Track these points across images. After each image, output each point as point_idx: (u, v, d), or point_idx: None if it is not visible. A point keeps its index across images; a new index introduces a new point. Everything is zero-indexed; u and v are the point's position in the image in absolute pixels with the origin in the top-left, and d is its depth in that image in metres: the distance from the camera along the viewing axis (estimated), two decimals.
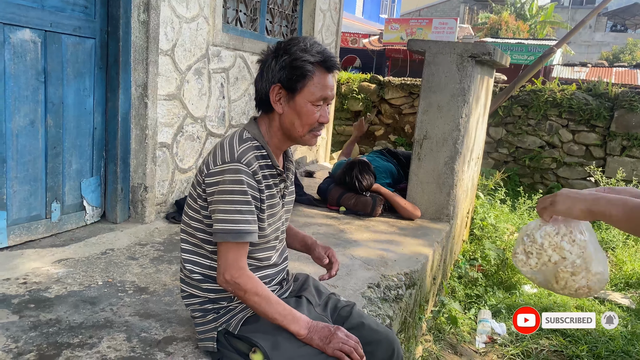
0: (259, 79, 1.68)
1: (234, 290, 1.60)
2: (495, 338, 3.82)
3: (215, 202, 1.61)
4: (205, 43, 3.50)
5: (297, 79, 1.61)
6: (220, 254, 1.61)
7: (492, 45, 3.78)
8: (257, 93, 1.71)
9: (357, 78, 7.96)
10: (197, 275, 1.73)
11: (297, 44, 1.63)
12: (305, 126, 1.68)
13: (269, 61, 1.64)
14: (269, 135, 1.72)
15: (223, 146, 1.65)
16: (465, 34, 25.20)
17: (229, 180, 1.58)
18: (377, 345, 1.85)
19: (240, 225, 1.59)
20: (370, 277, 2.73)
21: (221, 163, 1.60)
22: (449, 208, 3.93)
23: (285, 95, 1.65)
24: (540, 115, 6.72)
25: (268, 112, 1.72)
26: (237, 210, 1.58)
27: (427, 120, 3.91)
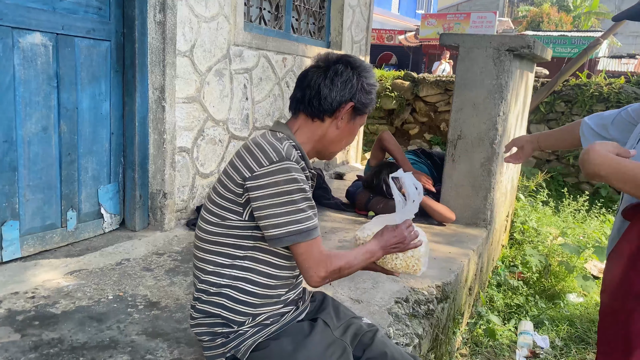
0: (331, 86, 1.59)
1: (335, 277, 1.58)
2: (537, 352, 3.56)
3: (269, 206, 1.47)
4: (226, 43, 3.37)
5: (367, 104, 1.66)
6: (302, 256, 1.52)
7: (532, 38, 3.51)
8: (320, 99, 1.59)
9: (390, 75, 7.72)
10: (217, 287, 1.57)
11: (370, 68, 1.68)
12: (345, 146, 1.74)
13: (350, 75, 1.60)
14: (301, 140, 1.63)
15: (263, 146, 1.51)
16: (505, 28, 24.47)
17: (282, 180, 1.46)
18: None
19: (306, 224, 1.50)
20: (398, 290, 2.54)
21: (268, 164, 1.47)
22: (486, 212, 3.67)
23: (350, 115, 1.65)
24: (586, 110, 6.33)
25: (313, 119, 1.63)
26: (299, 209, 1.48)
27: (462, 119, 3.67)
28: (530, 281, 4.30)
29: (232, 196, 1.52)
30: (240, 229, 1.54)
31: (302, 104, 1.62)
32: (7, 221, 2.42)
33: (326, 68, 1.61)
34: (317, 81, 1.59)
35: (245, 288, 1.57)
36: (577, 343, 3.63)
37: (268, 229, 1.49)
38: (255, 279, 1.57)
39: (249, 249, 1.56)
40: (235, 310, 1.57)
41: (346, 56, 1.65)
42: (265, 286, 1.59)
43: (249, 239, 1.55)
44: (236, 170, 1.52)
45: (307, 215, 1.51)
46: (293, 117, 1.67)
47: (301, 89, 1.63)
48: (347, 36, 5.01)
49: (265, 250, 1.56)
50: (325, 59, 1.64)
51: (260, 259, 1.57)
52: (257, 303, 1.58)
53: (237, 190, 1.50)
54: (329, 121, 1.64)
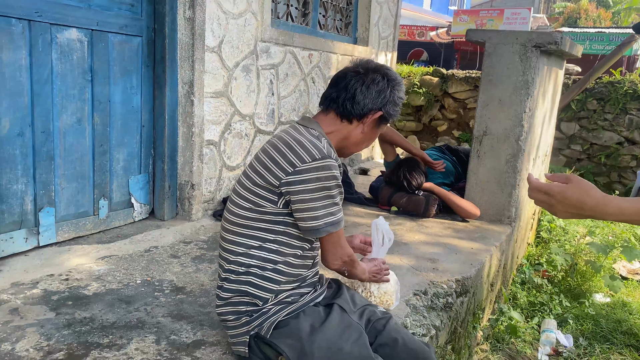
0: (366, 93, 1.71)
1: (348, 267, 1.81)
2: (560, 350, 3.53)
3: (309, 199, 1.59)
4: (253, 39, 3.44)
5: (393, 115, 1.78)
6: (333, 244, 1.71)
7: (560, 34, 3.48)
8: (354, 103, 1.72)
9: (418, 71, 7.70)
10: (246, 267, 1.67)
11: (401, 82, 1.80)
12: (364, 148, 1.88)
13: (384, 86, 1.72)
14: (328, 137, 1.75)
15: (304, 144, 1.62)
16: (540, 24, 23.96)
17: (324, 176, 1.59)
18: None
19: (338, 215, 1.66)
20: (417, 283, 2.57)
21: (311, 160, 1.58)
22: (511, 209, 3.66)
23: (375, 122, 1.76)
24: (619, 108, 6.20)
25: (342, 119, 1.75)
26: (334, 203, 1.63)
27: (488, 115, 3.66)
28: (555, 280, 4.27)
29: (269, 186, 1.62)
30: (273, 215, 1.65)
31: (335, 104, 1.73)
32: (44, 207, 2.55)
33: (365, 75, 1.72)
34: (354, 85, 1.71)
35: (271, 267, 1.67)
36: (601, 343, 3.59)
37: (306, 221, 1.62)
38: (281, 260, 1.68)
39: (279, 234, 1.67)
40: (262, 287, 1.67)
41: (385, 67, 1.77)
42: (290, 265, 1.69)
43: (280, 224, 1.66)
44: (275, 163, 1.62)
45: (339, 207, 1.67)
46: (322, 113, 1.78)
47: (337, 89, 1.74)
48: (374, 32, 5.04)
49: (292, 235, 1.68)
50: (365, 65, 1.76)
51: (288, 242, 1.68)
52: (282, 281, 1.68)
53: (275, 182, 1.60)
54: (356, 124, 1.75)
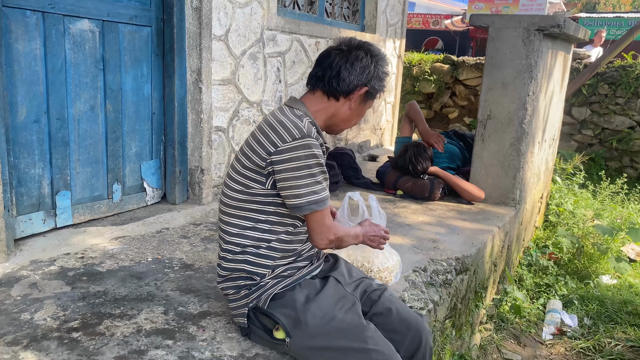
0: (350, 70, 1.75)
1: (336, 244, 1.81)
2: (564, 330, 3.59)
3: (291, 178, 1.65)
4: (259, 27, 3.53)
5: (378, 90, 1.82)
6: (317, 222, 1.72)
7: (563, 17, 3.50)
8: (339, 81, 1.75)
9: (429, 59, 7.71)
10: (242, 247, 1.76)
11: (385, 57, 1.83)
12: (352, 125, 1.91)
13: (368, 62, 1.75)
14: (315, 116, 1.80)
15: (285, 124, 1.68)
16: (556, 10, 23.56)
17: (304, 155, 1.64)
18: (403, 335, 1.80)
19: (322, 194, 1.69)
20: (417, 260, 2.65)
21: (291, 140, 1.64)
22: (515, 192, 3.71)
23: (362, 98, 1.80)
24: (630, 93, 6.16)
25: (329, 97, 1.79)
26: (316, 181, 1.67)
27: (492, 99, 3.71)
28: (561, 262, 4.31)
29: (257, 168, 1.70)
30: (262, 196, 1.72)
31: (321, 82, 1.78)
32: (61, 191, 2.68)
33: (348, 52, 1.76)
34: (338, 63, 1.75)
35: (266, 246, 1.75)
36: (606, 322, 3.63)
37: (290, 199, 1.68)
38: (275, 238, 1.76)
39: (270, 214, 1.74)
40: (258, 264, 1.76)
41: (367, 44, 1.81)
42: (283, 242, 1.77)
43: (271, 205, 1.73)
44: (260, 145, 1.69)
45: (323, 186, 1.70)
46: (309, 93, 1.83)
47: (322, 68, 1.78)
48: (381, 19, 5.09)
49: (283, 215, 1.75)
50: (348, 43, 1.80)
51: (279, 221, 1.76)
52: (277, 257, 1.76)
53: (262, 163, 1.68)
54: (343, 101, 1.80)
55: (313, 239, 1.75)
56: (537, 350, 3.42)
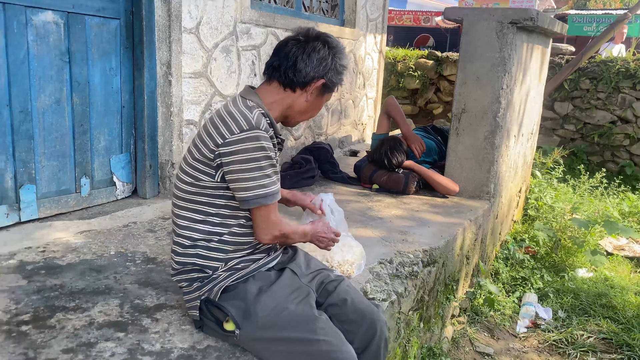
0: (307, 61, 1.72)
1: (281, 240, 1.79)
2: (539, 323, 3.61)
3: (238, 170, 1.63)
4: (232, 20, 3.51)
5: (336, 83, 1.80)
6: (261, 217, 1.69)
7: (535, 10, 3.50)
8: (295, 71, 1.72)
9: (414, 55, 7.71)
10: (192, 241, 1.74)
11: (344, 49, 1.81)
12: (309, 117, 1.89)
13: (326, 54, 1.73)
14: (270, 107, 1.76)
15: (234, 115, 1.65)
16: (546, 7, 23.62)
17: (251, 147, 1.61)
18: (358, 325, 1.79)
19: (270, 188, 1.66)
20: (384, 252, 2.65)
21: (239, 131, 1.62)
22: (489, 186, 3.72)
23: (319, 90, 1.77)
24: (612, 87, 6.18)
25: (285, 88, 1.76)
26: (265, 175, 1.64)
27: (466, 93, 3.71)
28: (538, 256, 4.32)
29: (206, 160, 1.67)
30: (212, 189, 1.70)
31: (277, 73, 1.75)
32: (25, 185, 2.65)
33: (305, 42, 1.74)
34: (295, 54, 1.72)
35: (217, 239, 1.74)
36: (580, 315, 3.65)
37: (237, 192, 1.66)
38: (227, 231, 1.74)
39: (221, 207, 1.72)
40: (210, 257, 1.74)
41: (326, 35, 1.78)
42: (236, 235, 1.75)
43: (221, 198, 1.71)
44: (209, 137, 1.67)
45: (272, 180, 1.67)
46: (266, 83, 1.80)
47: (279, 57, 1.76)
48: (361, 14, 5.08)
49: (234, 208, 1.73)
50: (305, 33, 1.77)
51: (231, 214, 1.74)
52: (230, 250, 1.75)
53: (210, 155, 1.66)
54: (299, 93, 1.77)
55: (256, 233, 1.73)
56: (511, 343, 3.43)
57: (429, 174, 3.76)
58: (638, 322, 3.50)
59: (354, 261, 2.28)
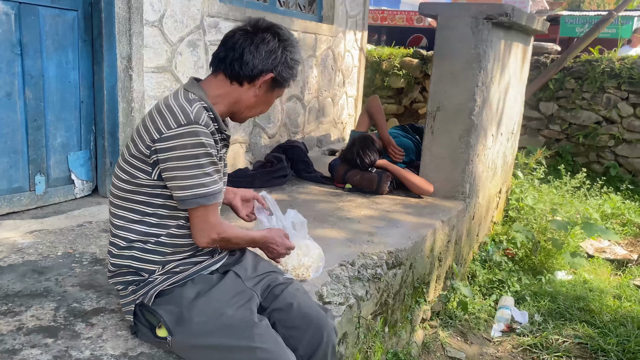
0: (255, 53, 1.61)
1: (221, 244, 1.67)
2: (514, 327, 3.51)
3: (176, 168, 1.52)
4: (199, 14, 3.40)
5: (287, 78, 1.69)
6: (199, 218, 1.58)
7: (511, 6, 3.42)
8: (242, 64, 1.61)
9: (398, 53, 7.61)
10: (128, 242, 1.63)
11: (297, 43, 1.70)
12: (259, 113, 1.78)
13: (276, 46, 1.62)
14: (215, 100, 1.65)
15: (172, 108, 1.54)
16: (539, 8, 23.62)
17: (189, 144, 1.50)
18: (303, 331, 1.69)
19: (211, 187, 1.55)
20: (347, 254, 2.55)
21: (176, 126, 1.51)
22: (465, 186, 3.62)
23: (269, 85, 1.67)
24: (597, 87, 6.10)
25: (232, 81, 1.65)
26: (205, 173, 1.54)
27: (441, 91, 3.61)
28: (517, 258, 4.23)
29: (142, 156, 1.56)
30: (149, 187, 1.59)
31: (223, 64, 1.64)
32: None
33: (254, 34, 1.62)
34: (242, 45, 1.61)
35: (154, 241, 1.63)
36: (556, 319, 3.56)
37: (175, 191, 1.55)
38: (165, 233, 1.63)
39: (158, 207, 1.61)
40: (146, 260, 1.64)
41: (276, 26, 1.67)
42: (174, 237, 1.65)
43: (158, 197, 1.60)
44: (146, 131, 1.56)
45: (213, 179, 1.56)
46: (212, 75, 1.69)
47: (225, 48, 1.65)
48: (340, 10, 4.98)
49: (173, 208, 1.62)
50: (254, 24, 1.65)
51: (170, 215, 1.63)
52: (168, 252, 1.64)
53: (146, 151, 1.55)
54: (247, 87, 1.65)
55: (194, 235, 1.61)
56: (484, 348, 3.34)
57: (403, 173, 3.66)
58: (614, 326, 3.41)
59: (311, 264, 2.17)
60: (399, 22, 22.97)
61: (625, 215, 5.13)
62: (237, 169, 3.82)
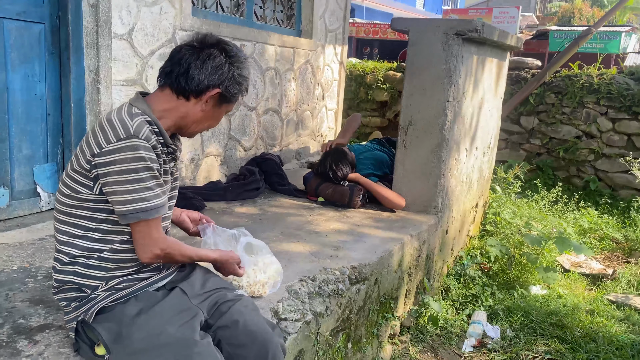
0: (201, 68, 1.61)
1: (166, 260, 1.66)
2: (486, 342, 3.50)
3: (116, 182, 1.51)
4: (171, 27, 3.41)
5: (235, 94, 1.69)
6: (140, 233, 1.58)
7: (480, 21, 3.45)
8: (188, 78, 1.61)
9: (382, 67, 7.65)
10: (71, 257, 1.62)
11: (246, 59, 1.72)
12: (207, 128, 1.78)
13: (222, 62, 1.64)
14: (161, 115, 1.65)
15: (113, 122, 1.54)
16: (529, 23, 23.88)
17: (129, 158, 1.50)
18: (248, 349, 1.67)
19: (153, 202, 1.55)
20: (309, 269, 2.53)
21: (116, 140, 1.50)
22: (437, 200, 3.62)
23: (216, 100, 1.67)
24: (576, 102, 6.15)
25: (178, 96, 1.65)
26: (145, 187, 1.53)
27: (413, 105, 3.63)
28: (491, 272, 4.23)
29: (83, 171, 1.56)
30: (92, 202, 1.58)
31: (169, 79, 1.65)
32: None
33: (200, 49, 1.63)
34: (187, 60, 1.62)
35: (97, 256, 1.61)
36: (528, 334, 3.55)
37: (116, 205, 1.54)
38: (108, 248, 1.62)
39: (101, 222, 1.60)
40: (89, 275, 1.62)
41: (224, 42, 1.68)
42: (118, 252, 1.63)
43: (101, 212, 1.59)
44: (88, 146, 1.56)
45: (154, 193, 1.56)
46: (159, 90, 1.70)
47: (171, 63, 1.65)
48: (319, 25, 5.01)
49: (116, 223, 1.60)
50: (201, 40, 1.67)
51: (113, 230, 1.62)
52: (111, 267, 1.63)
53: (87, 166, 1.55)
54: (194, 102, 1.66)
55: (136, 250, 1.60)
56: None
57: (375, 187, 3.66)
58: (585, 341, 3.41)
59: (267, 280, 2.15)
60: (390, 36, 23.13)
61: (602, 230, 5.14)
62: (210, 181, 3.81)
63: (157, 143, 1.59)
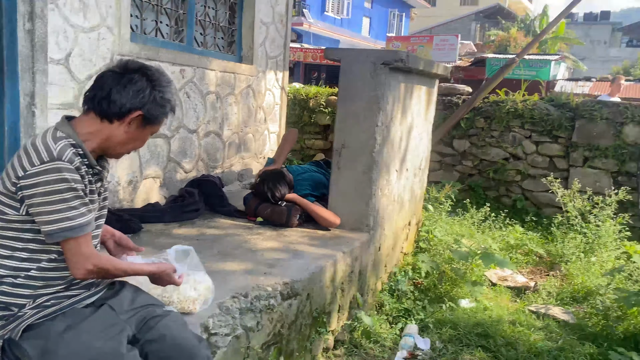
0: (122, 92, 1.71)
1: (100, 275, 1.73)
2: (416, 354, 3.68)
3: (41, 204, 1.59)
4: (109, 53, 3.49)
5: (158, 116, 1.79)
6: (70, 251, 1.65)
7: (405, 52, 3.71)
8: (109, 102, 1.71)
9: (325, 92, 7.91)
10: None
11: (169, 83, 1.82)
12: (132, 149, 1.87)
13: (143, 86, 1.73)
14: (86, 137, 1.73)
15: (36, 146, 1.62)
16: (468, 50, 25.12)
17: (52, 180, 1.58)
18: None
19: (78, 220, 1.63)
20: (242, 286, 2.64)
21: (39, 163, 1.58)
22: (369, 218, 3.82)
23: (139, 122, 1.77)
24: (503, 126, 6.58)
25: (102, 119, 1.74)
26: (70, 207, 1.61)
27: (345, 129, 3.84)
28: (423, 287, 4.45)
29: (9, 193, 1.64)
30: (18, 222, 1.66)
31: (92, 103, 1.75)
32: None
33: (122, 74, 1.74)
34: (109, 84, 1.73)
35: (24, 275, 1.68)
36: (456, 345, 3.76)
37: (42, 225, 1.62)
38: (35, 267, 1.69)
39: (28, 241, 1.68)
40: (16, 294, 1.68)
41: (146, 68, 1.79)
42: (46, 270, 1.70)
43: (28, 232, 1.67)
44: (13, 169, 1.64)
45: (79, 212, 1.64)
46: (84, 114, 1.79)
47: (94, 88, 1.76)
48: (259, 52, 5.19)
49: (43, 242, 1.68)
50: (124, 65, 1.78)
51: (40, 249, 1.69)
52: (39, 285, 1.69)
53: (12, 189, 1.63)
54: (117, 124, 1.75)
55: (70, 268, 1.68)
56: None
57: (311, 207, 3.82)
58: (507, 349, 3.65)
59: (198, 297, 2.25)
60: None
61: (527, 245, 5.49)
62: (148, 203, 3.86)
63: (81, 165, 1.68)
